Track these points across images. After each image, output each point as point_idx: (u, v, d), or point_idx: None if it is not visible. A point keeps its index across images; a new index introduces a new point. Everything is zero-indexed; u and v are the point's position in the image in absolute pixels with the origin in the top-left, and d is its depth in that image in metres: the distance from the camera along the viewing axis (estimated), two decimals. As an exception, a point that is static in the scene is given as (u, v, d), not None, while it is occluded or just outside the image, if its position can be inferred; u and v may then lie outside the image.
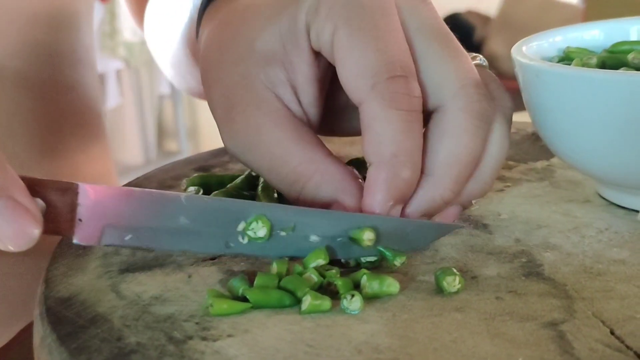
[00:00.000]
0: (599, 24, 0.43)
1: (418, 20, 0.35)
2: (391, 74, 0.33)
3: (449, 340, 0.28)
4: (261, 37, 0.36)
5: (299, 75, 0.36)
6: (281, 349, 0.28)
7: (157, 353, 0.28)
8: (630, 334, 0.28)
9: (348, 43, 0.34)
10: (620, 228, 0.37)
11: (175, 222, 0.33)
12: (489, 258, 0.35)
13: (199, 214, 0.33)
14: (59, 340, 0.30)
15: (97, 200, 0.32)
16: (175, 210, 0.33)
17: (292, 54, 0.36)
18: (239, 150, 0.37)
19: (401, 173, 0.33)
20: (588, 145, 0.37)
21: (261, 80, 0.36)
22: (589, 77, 0.35)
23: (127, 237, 0.33)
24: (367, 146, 0.34)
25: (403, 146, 0.33)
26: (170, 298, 0.32)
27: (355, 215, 0.34)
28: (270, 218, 0.34)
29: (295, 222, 0.34)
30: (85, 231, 0.33)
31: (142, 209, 0.33)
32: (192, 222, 0.33)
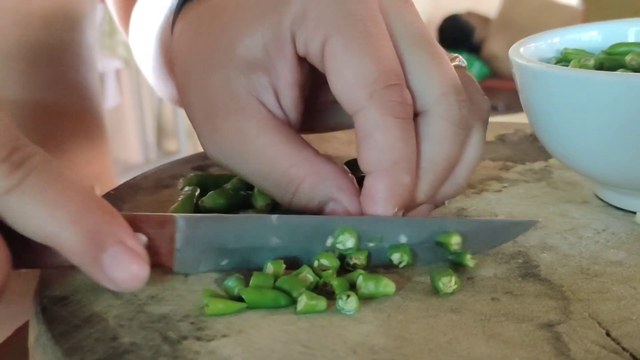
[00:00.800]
0: (597, 25, 0.43)
1: (402, 25, 0.36)
2: (388, 83, 0.34)
3: (444, 341, 0.28)
4: (243, 43, 0.36)
5: (282, 81, 0.36)
6: (276, 349, 0.28)
7: (151, 353, 0.28)
8: (626, 335, 0.28)
9: (342, 52, 0.34)
10: (617, 229, 0.37)
11: (267, 242, 0.34)
12: (485, 259, 0.35)
13: (289, 233, 0.34)
14: (53, 339, 0.30)
15: (193, 229, 0.33)
16: (267, 231, 0.34)
17: (275, 60, 0.36)
18: (224, 157, 0.37)
19: (402, 180, 0.34)
20: (585, 146, 0.37)
21: (243, 86, 0.36)
22: (586, 78, 0.35)
23: (223, 261, 0.34)
24: (366, 154, 0.34)
25: (402, 153, 0.34)
26: (166, 298, 0.32)
27: (440, 220, 0.35)
28: (358, 229, 0.34)
29: (382, 233, 0.34)
30: (184, 260, 0.33)
31: (235, 233, 0.34)
32: (283, 241, 0.34)
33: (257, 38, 0.36)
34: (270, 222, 0.34)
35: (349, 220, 0.34)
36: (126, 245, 0.29)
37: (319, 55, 0.35)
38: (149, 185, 0.45)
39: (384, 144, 0.34)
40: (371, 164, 0.34)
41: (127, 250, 0.29)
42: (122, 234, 0.30)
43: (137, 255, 0.29)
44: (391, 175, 0.34)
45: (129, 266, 0.29)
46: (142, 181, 0.46)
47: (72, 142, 0.57)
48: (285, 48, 0.35)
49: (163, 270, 0.35)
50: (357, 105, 0.34)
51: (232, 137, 0.36)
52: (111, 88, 2.53)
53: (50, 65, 0.54)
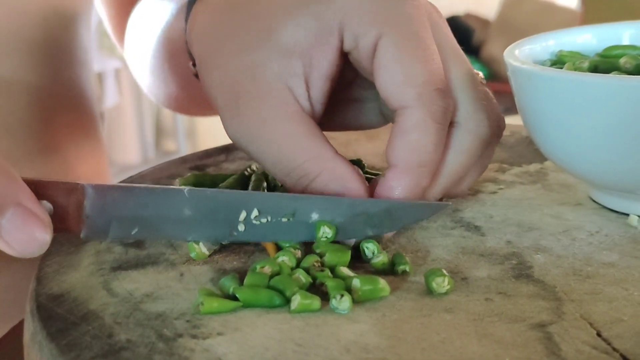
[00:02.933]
0: (592, 28, 0.43)
1: (442, 36, 0.38)
2: (436, 86, 0.35)
3: (438, 340, 0.29)
4: (281, 29, 0.36)
5: (316, 71, 0.36)
6: (270, 348, 0.28)
7: (146, 350, 0.28)
8: (617, 336, 0.28)
9: (395, 50, 0.35)
10: (610, 231, 0.37)
11: (179, 214, 0.34)
12: (479, 259, 0.35)
13: (202, 206, 0.34)
14: (49, 336, 0.30)
15: (101, 198, 0.33)
16: (178, 202, 0.34)
17: (315, 49, 0.36)
18: (244, 140, 0.37)
19: (422, 182, 0.36)
20: (579, 148, 0.37)
21: (272, 71, 0.36)
22: (580, 81, 0.35)
23: (133, 230, 0.34)
24: (398, 149, 0.35)
25: (431, 158, 0.36)
26: (161, 296, 0.32)
27: (348, 199, 0.35)
28: (271, 207, 0.35)
29: (295, 208, 0.35)
30: (93, 227, 0.33)
31: (146, 204, 0.34)
32: (196, 214, 0.34)
33: (299, 25, 0.36)
34: (182, 194, 0.34)
35: (261, 195, 0.35)
36: (26, 208, 0.29)
37: (369, 51, 0.35)
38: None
39: (418, 145, 0.35)
40: (400, 159, 0.35)
41: (27, 213, 0.29)
42: (22, 197, 0.29)
43: (38, 219, 0.29)
44: (415, 176, 0.35)
45: (29, 229, 0.29)
46: (140, 180, 0.47)
47: (67, 142, 0.57)
48: (329, 39, 0.36)
49: (156, 269, 0.35)
50: (404, 102, 0.35)
51: (255, 122, 0.36)
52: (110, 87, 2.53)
53: (45, 64, 0.54)
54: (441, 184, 0.38)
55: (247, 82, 0.36)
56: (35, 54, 0.53)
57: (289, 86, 0.36)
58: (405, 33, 0.35)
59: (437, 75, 0.35)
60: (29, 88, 0.53)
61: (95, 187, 0.33)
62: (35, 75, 0.53)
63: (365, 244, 0.35)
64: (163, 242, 0.37)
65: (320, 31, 0.36)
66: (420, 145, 0.35)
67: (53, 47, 0.54)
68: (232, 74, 0.37)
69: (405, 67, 0.35)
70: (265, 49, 0.36)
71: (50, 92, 0.55)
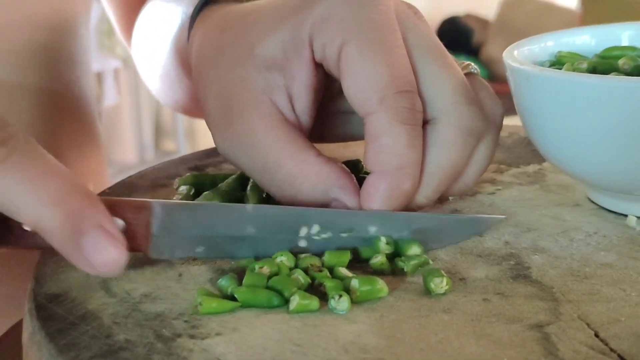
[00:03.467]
0: (591, 29, 0.44)
1: (416, 35, 0.37)
2: (399, 89, 0.35)
3: (436, 340, 0.29)
4: (262, 43, 0.37)
5: (296, 83, 0.37)
6: (269, 348, 0.28)
7: (145, 350, 0.28)
8: (615, 336, 0.28)
9: (358, 56, 0.35)
10: (608, 232, 0.37)
11: (242, 231, 0.35)
12: (477, 260, 0.35)
13: (264, 222, 0.35)
14: (48, 336, 0.30)
15: (169, 216, 0.34)
16: (242, 219, 0.35)
17: (292, 62, 0.37)
18: (234, 152, 0.38)
19: (403, 185, 0.35)
20: (578, 149, 0.37)
21: (259, 84, 0.37)
22: (579, 82, 0.35)
23: (198, 249, 0.35)
24: (372, 156, 0.35)
25: (407, 159, 0.35)
26: (160, 296, 0.33)
27: (410, 214, 0.36)
28: (330, 223, 0.35)
29: (352, 225, 0.35)
30: (160, 245, 0.34)
31: (211, 221, 0.34)
32: (258, 230, 0.35)
33: (276, 39, 0.37)
34: (246, 211, 0.35)
35: (322, 211, 0.36)
36: (105, 229, 0.30)
37: (335, 59, 0.36)
38: (145, 185, 0.46)
39: (390, 148, 0.35)
40: (376, 165, 0.35)
41: (106, 234, 0.29)
42: (101, 218, 0.30)
43: (116, 240, 0.30)
44: (393, 179, 0.35)
45: (108, 250, 0.29)
46: (138, 180, 0.47)
47: (66, 142, 0.57)
48: (302, 51, 0.37)
49: (155, 269, 0.35)
50: (368, 109, 0.35)
51: (243, 133, 0.37)
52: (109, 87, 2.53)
53: (45, 66, 0.54)
54: (430, 184, 0.37)
55: (237, 95, 0.37)
56: (35, 55, 0.53)
57: (273, 99, 0.37)
58: (368, 39, 0.35)
59: (400, 78, 0.35)
60: (29, 89, 0.53)
61: (163, 205, 0.34)
62: (35, 76, 0.53)
63: None
64: None
65: (295, 43, 0.37)
66: (393, 149, 0.35)
67: (53, 49, 0.54)
68: (226, 88, 0.38)
69: (367, 73, 0.35)
70: (250, 63, 0.37)
71: (49, 92, 0.55)
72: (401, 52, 0.36)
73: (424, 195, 0.37)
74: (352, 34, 0.35)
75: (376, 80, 0.35)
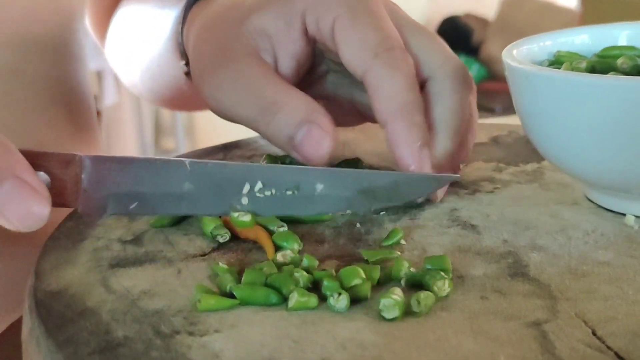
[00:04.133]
0: (590, 28, 0.44)
1: (402, 17, 0.43)
2: (389, 46, 0.39)
3: (433, 338, 0.29)
4: (257, 12, 0.42)
5: (282, 50, 0.41)
6: (267, 344, 0.28)
7: (143, 347, 0.29)
8: (612, 334, 0.28)
9: (350, 25, 0.39)
10: (606, 230, 0.37)
11: (179, 188, 0.34)
12: (476, 258, 0.35)
13: (204, 179, 0.34)
14: (47, 332, 0.30)
15: (99, 170, 0.32)
16: (180, 176, 0.34)
17: (282, 32, 0.41)
18: (223, 94, 0.40)
19: (414, 118, 0.38)
20: (576, 148, 0.37)
21: (249, 43, 0.41)
22: (577, 81, 0.35)
23: (131, 205, 0.34)
24: (379, 106, 0.39)
25: (409, 98, 0.38)
26: (159, 293, 0.33)
27: (354, 171, 0.37)
28: (275, 180, 0.35)
29: (299, 181, 0.35)
30: (90, 201, 0.33)
31: (145, 177, 0.33)
32: (197, 187, 0.34)
33: (269, 12, 0.41)
34: (184, 167, 0.34)
35: (266, 168, 0.36)
36: (23, 180, 0.29)
37: (329, 31, 0.40)
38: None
39: (392, 92, 0.38)
40: (384, 113, 0.38)
41: (25, 185, 0.28)
42: (18, 168, 0.29)
43: (36, 192, 0.29)
44: (404, 116, 0.38)
45: (26, 202, 0.28)
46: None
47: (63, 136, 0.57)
48: (295, 24, 0.41)
49: (154, 266, 0.35)
50: (365, 66, 0.39)
51: (230, 72, 0.40)
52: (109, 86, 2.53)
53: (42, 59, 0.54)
54: (444, 133, 0.40)
55: (229, 47, 0.41)
56: (32, 48, 0.53)
57: (261, 55, 0.41)
58: (358, 10, 0.40)
59: (389, 37, 0.39)
60: (25, 82, 0.53)
61: (93, 159, 0.32)
62: (32, 70, 0.53)
63: None
64: (161, 239, 0.37)
65: (285, 17, 0.41)
66: (394, 91, 0.38)
67: (50, 42, 0.54)
68: (217, 42, 0.42)
69: (360, 37, 0.39)
70: (245, 26, 0.41)
71: (45, 83, 0.55)
72: (388, 20, 0.40)
73: (442, 147, 0.40)
74: (343, 7, 0.40)
75: (368, 41, 0.39)
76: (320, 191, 0.35)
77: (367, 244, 0.37)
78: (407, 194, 0.36)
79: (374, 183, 0.36)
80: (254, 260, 0.35)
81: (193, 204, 0.34)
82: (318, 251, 0.36)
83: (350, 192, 0.35)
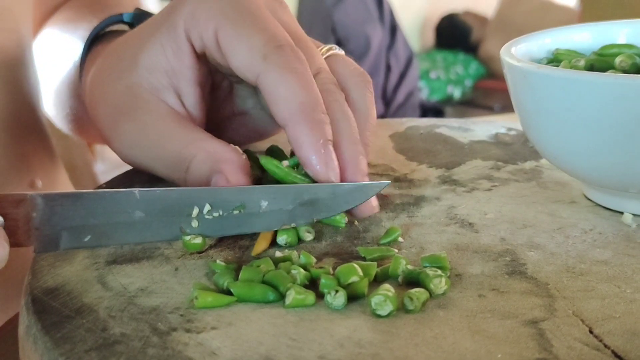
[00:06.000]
0: (589, 26, 0.44)
1: (278, 16, 0.40)
2: (277, 44, 0.37)
3: (431, 336, 0.29)
4: (144, 50, 0.40)
5: (182, 80, 0.40)
6: (264, 342, 0.28)
7: (140, 344, 0.28)
8: (609, 333, 0.28)
9: (233, 33, 0.38)
10: (604, 229, 0.37)
11: (131, 217, 0.35)
12: (474, 256, 0.35)
13: (153, 206, 0.35)
14: (43, 329, 0.30)
15: (51, 207, 0.33)
16: (130, 205, 0.35)
17: (174, 60, 0.40)
18: (128, 148, 0.40)
19: (313, 116, 0.36)
20: (574, 147, 0.37)
21: (145, 88, 0.40)
22: (576, 79, 0.35)
23: (85, 238, 0.35)
24: (276, 109, 0.36)
25: (307, 97, 0.36)
26: (156, 290, 0.33)
27: (295, 186, 0.36)
28: (221, 201, 0.36)
29: (243, 200, 0.36)
30: (43, 239, 0.34)
31: (97, 209, 0.34)
32: (147, 215, 0.35)
33: (155, 43, 0.40)
34: (134, 196, 0.35)
35: (212, 190, 0.36)
36: None
37: (214, 44, 0.38)
38: (142, 180, 0.46)
39: (286, 94, 0.36)
40: (282, 116, 0.36)
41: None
42: None
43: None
44: (301, 117, 0.36)
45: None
46: (136, 175, 0.47)
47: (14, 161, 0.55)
48: (181, 46, 0.39)
49: (151, 263, 0.35)
50: (256, 71, 0.37)
51: (135, 129, 0.40)
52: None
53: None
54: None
55: (127, 101, 0.40)
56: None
57: (162, 99, 0.40)
58: (238, 17, 0.38)
59: (275, 36, 0.37)
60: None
61: (44, 197, 0.33)
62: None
63: None
64: None
65: (173, 42, 0.40)
66: (289, 93, 0.36)
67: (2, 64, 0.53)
68: (114, 97, 0.41)
69: (245, 42, 0.37)
70: (135, 72, 0.40)
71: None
72: (272, 20, 0.38)
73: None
74: (223, 17, 0.38)
75: (254, 45, 0.37)
76: (265, 208, 0.36)
77: (364, 241, 0.37)
78: (344, 204, 0.36)
79: (314, 196, 0.36)
80: (251, 257, 0.35)
81: (145, 231, 0.35)
82: (315, 249, 0.36)
83: (292, 206, 0.36)
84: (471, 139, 0.52)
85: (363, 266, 0.33)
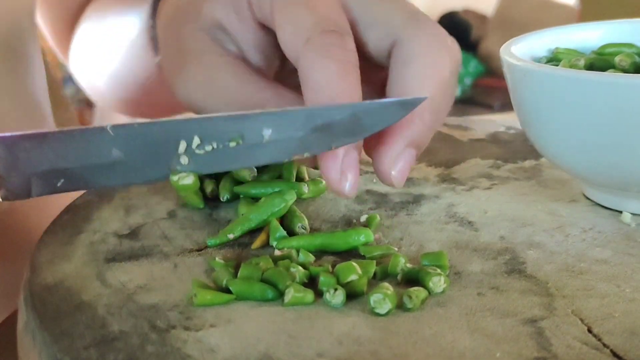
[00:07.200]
0: (589, 25, 0.44)
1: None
2: (323, 29, 0.34)
3: (429, 334, 0.29)
4: (205, 9, 0.39)
5: (243, 41, 0.39)
6: (263, 339, 0.28)
7: (139, 341, 0.28)
8: (608, 332, 0.28)
9: (284, 6, 0.36)
10: (604, 228, 0.37)
11: (107, 157, 0.31)
12: (473, 254, 0.35)
13: (132, 143, 0.31)
14: (42, 325, 0.30)
15: (14, 152, 0.31)
16: (104, 144, 0.31)
17: (235, 22, 0.39)
18: (194, 93, 0.39)
19: None
20: (573, 146, 0.37)
21: (209, 36, 0.39)
22: (575, 78, 0.35)
23: (58, 183, 0.32)
24: (307, 96, 0.34)
25: (341, 89, 0.33)
26: (155, 287, 0.33)
27: (305, 109, 0.33)
28: (214, 132, 0.32)
29: (242, 130, 0.32)
30: (11, 186, 0.31)
31: (66, 151, 0.31)
32: (126, 154, 0.31)
33: (218, 3, 0.39)
34: (106, 133, 0.31)
35: (201, 120, 0.32)
36: None
37: (269, 14, 0.37)
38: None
39: (321, 82, 0.33)
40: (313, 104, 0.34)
41: None
42: None
43: None
44: None
45: None
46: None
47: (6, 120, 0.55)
48: (244, 11, 0.39)
49: (150, 260, 0.35)
50: (297, 53, 0.35)
51: (201, 72, 0.38)
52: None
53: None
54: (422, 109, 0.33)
55: (192, 44, 0.39)
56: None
57: (226, 47, 0.39)
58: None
59: (324, 19, 0.35)
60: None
61: (3, 141, 0.30)
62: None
63: None
64: (157, 234, 0.37)
65: (234, 7, 0.39)
66: (323, 82, 0.33)
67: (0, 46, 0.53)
68: (179, 39, 0.40)
69: (293, 19, 0.36)
70: (199, 21, 0.39)
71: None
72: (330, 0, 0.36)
73: (426, 110, 0.34)
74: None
75: (301, 24, 0.35)
76: (269, 137, 0.31)
77: (364, 239, 0.37)
78: (369, 126, 0.32)
79: (329, 118, 0.32)
80: (250, 255, 0.35)
81: (127, 173, 0.31)
82: (315, 246, 0.36)
83: (303, 132, 0.31)
84: (471, 137, 0.52)
85: (362, 264, 0.33)
